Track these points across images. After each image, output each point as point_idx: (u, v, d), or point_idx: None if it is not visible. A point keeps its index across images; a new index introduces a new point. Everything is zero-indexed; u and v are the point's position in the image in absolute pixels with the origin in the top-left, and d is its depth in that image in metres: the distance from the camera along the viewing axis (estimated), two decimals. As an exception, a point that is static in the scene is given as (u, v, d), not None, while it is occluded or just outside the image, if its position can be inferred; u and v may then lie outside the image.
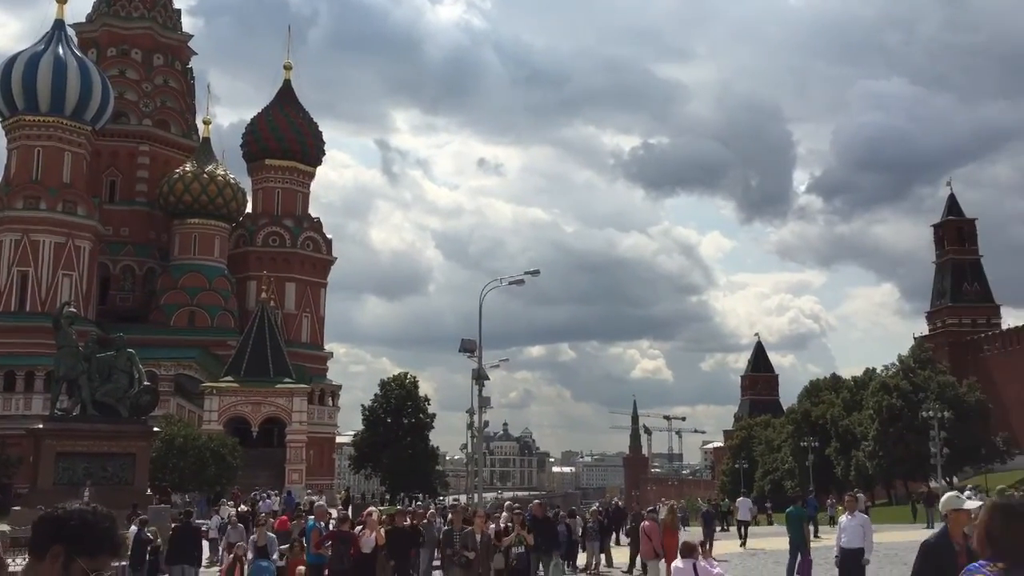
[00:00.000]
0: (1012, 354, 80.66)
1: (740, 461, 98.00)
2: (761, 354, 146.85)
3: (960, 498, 6.62)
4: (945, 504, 6.46)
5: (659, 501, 43.54)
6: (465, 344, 32.01)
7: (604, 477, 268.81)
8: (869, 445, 68.97)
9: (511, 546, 13.90)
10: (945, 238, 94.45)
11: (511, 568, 13.73)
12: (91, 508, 2.74)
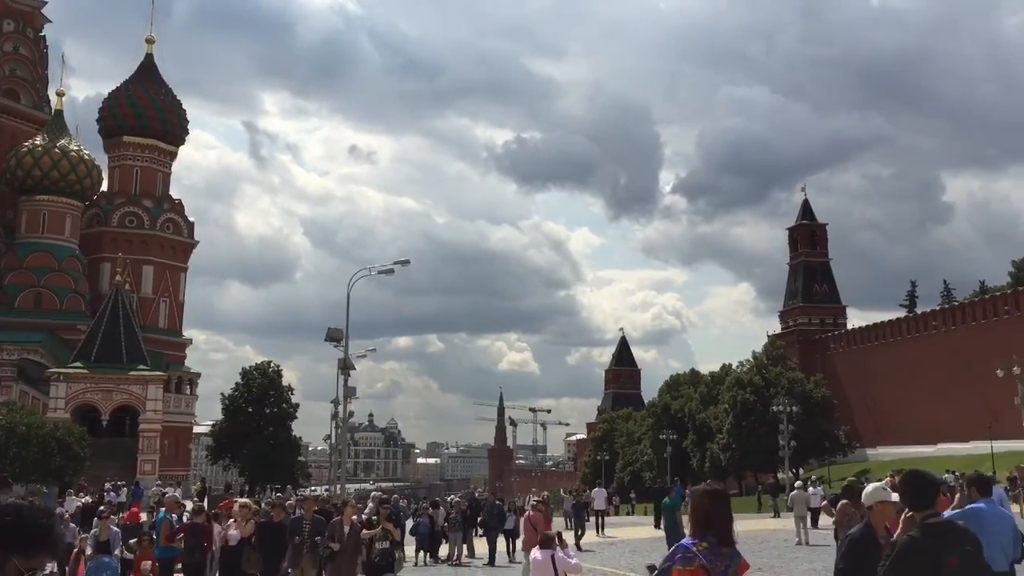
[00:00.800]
0: (855, 353, 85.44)
1: (602, 453, 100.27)
2: (625, 349, 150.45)
3: (886, 490, 6.16)
4: (870, 496, 6.10)
5: (528, 492, 43.98)
6: (332, 333, 31.43)
7: (469, 468, 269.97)
8: (723, 438, 71.79)
9: (375, 540, 13.52)
10: (798, 241, 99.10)
11: (374, 564, 13.34)
12: (27, 503, 2.48)
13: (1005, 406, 50.01)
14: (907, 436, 72.17)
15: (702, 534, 4.44)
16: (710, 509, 4.51)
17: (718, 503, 4.55)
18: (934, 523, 4.66)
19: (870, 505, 5.90)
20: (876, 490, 6.05)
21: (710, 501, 4.54)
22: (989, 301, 73.63)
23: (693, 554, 4.30)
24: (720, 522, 4.46)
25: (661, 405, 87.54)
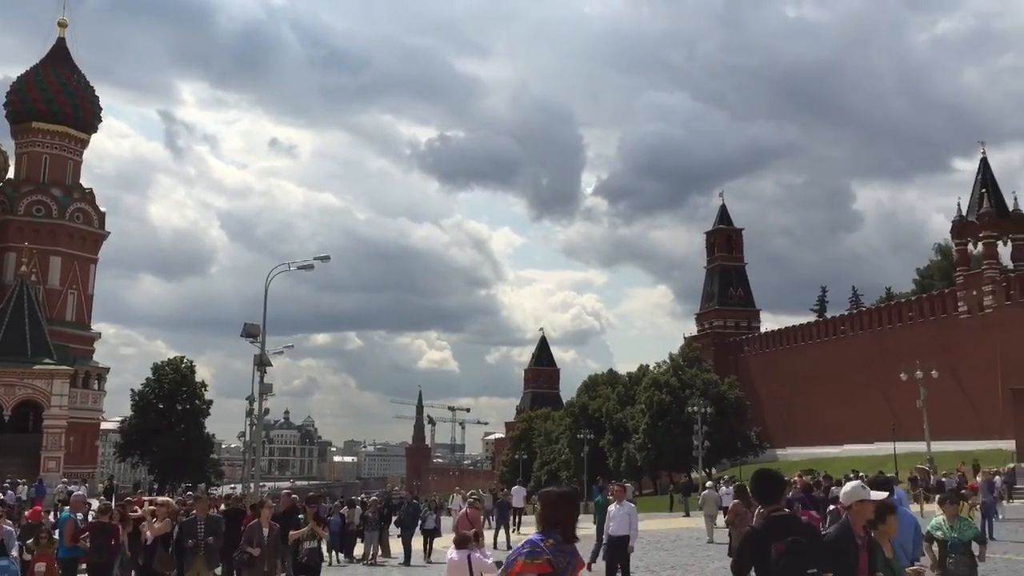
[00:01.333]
0: (767, 355, 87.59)
1: (520, 452, 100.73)
2: (545, 348, 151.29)
3: (865, 489, 6.01)
4: (850, 495, 5.88)
5: (453, 491, 43.87)
6: (248, 329, 30.83)
7: (386, 467, 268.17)
8: (639, 438, 72.80)
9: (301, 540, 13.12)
10: (716, 245, 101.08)
11: (301, 564, 12.96)
12: None
13: (908, 409, 51.87)
14: (815, 437, 74.28)
15: (549, 531, 4.75)
16: (558, 509, 4.84)
17: (566, 504, 4.88)
18: (776, 516, 5.19)
19: (849, 504, 5.80)
20: (855, 489, 5.89)
21: (558, 502, 4.88)
22: (894, 307, 76.27)
23: (541, 549, 4.62)
24: (566, 521, 4.79)
25: (579, 405, 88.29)
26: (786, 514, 5.35)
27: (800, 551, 4.95)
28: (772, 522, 5.12)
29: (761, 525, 5.21)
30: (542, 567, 4.57)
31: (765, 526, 5.14)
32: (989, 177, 69.34)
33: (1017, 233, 67.22)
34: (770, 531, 5.04)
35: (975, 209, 67.73)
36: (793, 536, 4.99)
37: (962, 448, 54.72)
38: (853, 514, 5.74)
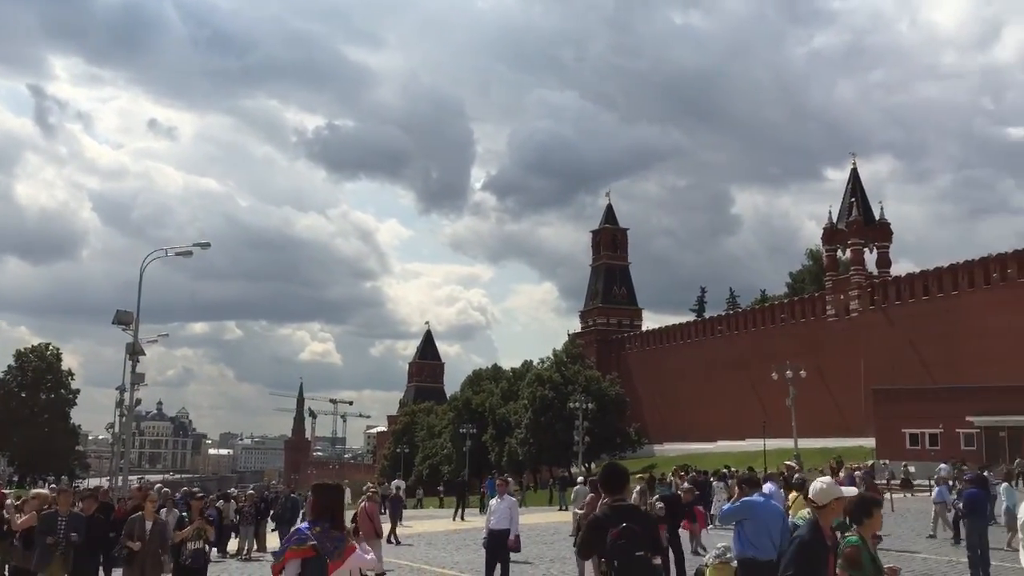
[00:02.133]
0: (647, 353, 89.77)
1: (402, 446, 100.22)
2: (430, 342, 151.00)
3: (838, 487, 5.89)
4: (826, 493, 5.65)
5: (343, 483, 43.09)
6: (120, 316, 29.63)
7: (264, 460, 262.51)
8: (522, 433, 73.46)
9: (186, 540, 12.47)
10: (601, 244, 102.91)
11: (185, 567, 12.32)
12: None
13: (778, 407, 54.03)
14: (691, 433, 76.57)
15: (318, 520, 5.42)
16: (326, 500, 5.53)
17: (332, 495, 5.60)
18: (617, 505, 5.68)
19: (825, 503, 5.61)
20: (831, 487, 5.73)
21: (327, 493, 5.60)
22: (768, 309, 79.30)
23: (307, 536, 5.29)
24: (334, 511, 5.51)
25: (463, 399, 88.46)
26: (625, 504, 5.82)
27: (632, 536, 5.43)
28: (612, 510, 5.62)
29: (602, 513, 5.69)
30: (307, 552, 5.22)
31: (606, 514, 5.63)
32: (858, 187, 72.86)
33: (882, 241, 70.91)
34: (610, 518, 5.53)
35: (845, 217, 71.07)
36: (627, 523, 5.47)
37: (827, 445, 57.31)
38: (826, 513, 5.60)
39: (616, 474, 5.96)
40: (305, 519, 6.43)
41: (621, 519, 5.49)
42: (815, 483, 5.83)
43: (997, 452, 46.32)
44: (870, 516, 5.58)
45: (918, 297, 62.08)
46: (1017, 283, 55.21)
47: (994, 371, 51.67)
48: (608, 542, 5.41)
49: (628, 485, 6.25)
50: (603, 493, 5.93)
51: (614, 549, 5.40)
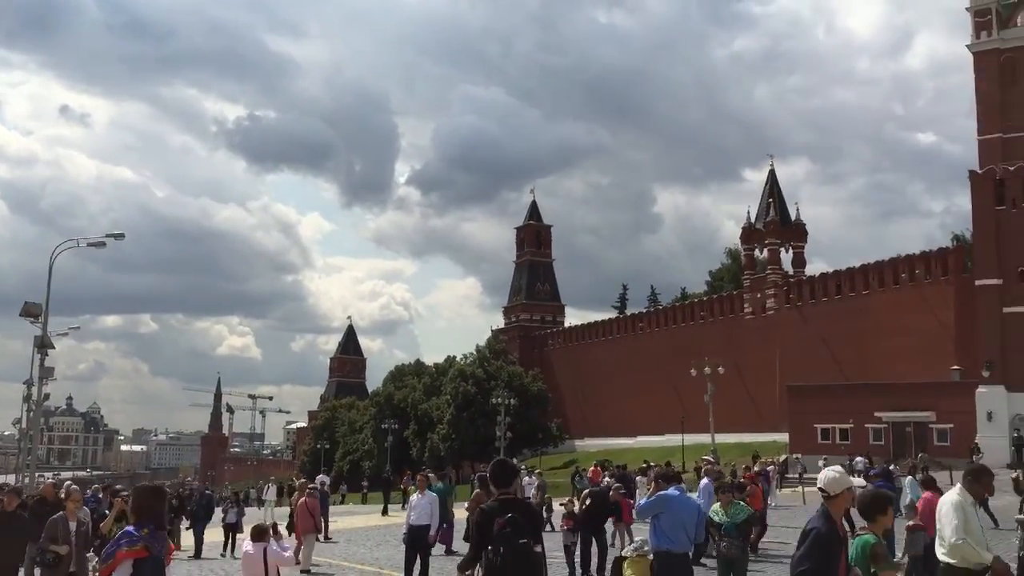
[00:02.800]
0: (570, 349, 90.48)
1: (322, 441, 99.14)
2: (352, 337, 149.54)
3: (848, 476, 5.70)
4: (837, 483, 5.49)
5: (269, 480, 42.35)
6: (28, 308, 28.58)
7: (179, 456, 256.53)
8: (444, 428, 73.36)
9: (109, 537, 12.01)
10: (525, 241, 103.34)
11: None
12: None
13: (696, 403, 55.04)
14: (612, 429, 77.46)
15: (144, 522, 5.65)
16: (148, 503, 5.79)
17: (155, 498, 5.89)
18: (504, 498, 6.11)
19: (837, 493, 5.48)
20: (842, 477, 5.58)
21: (148, 496, 5.89)
22: (688, 307, 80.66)
23: (138, 537, 5.54)
24: (158, 512, 5.80)
25: (385, 395, 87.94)
26: (511, 497, 6.28)
27: (516, 525, 5.87)
28: (499, 503, 6.05)
29: (489, 505, 6.10)
30: (139, 552, 5.48)
31: (493, 506, 6.05)
32: (776, 188, 74.65)
33: (798, 241, 72.83)
34: (497, 510, 5.96)
35: (762, 217, 72.75)
36: (512, 514, 5.92)
37: (743, 440, 58.69)
38: (837, 503, 5.49)
39: (505, 469, 6.41)
40: None
41: (507, 510, 5.95)
42: (826, 472, 5.64)
43: (903, 447, 48.03)
44: (884, 513, 5.55)
45: (831, 296, 63.90)
46: (924, 284, 57.28)
47: (901, 369, 53.54)
48: (495, 531, 5.84)
49: (515, 480, 6.67)
50: (492, 487, 6.34)
51: (500, 538, 5.83)
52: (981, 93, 52.40)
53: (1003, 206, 46.91)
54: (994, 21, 52.37)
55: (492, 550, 5.84)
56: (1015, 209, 46.52)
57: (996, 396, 45.96)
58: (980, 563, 6.62)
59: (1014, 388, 45.50)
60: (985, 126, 51.93)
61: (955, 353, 51.76)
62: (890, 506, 5.57)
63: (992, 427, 45.53)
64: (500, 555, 5.78)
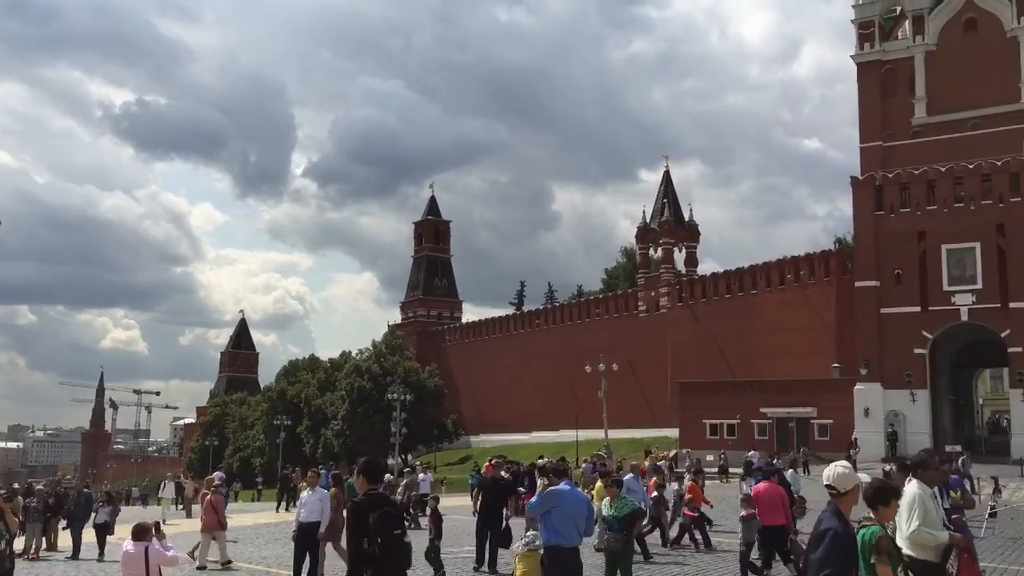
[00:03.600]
0: (467, 346, 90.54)
1: (211, 438, 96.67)
2: (244, 331, 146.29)
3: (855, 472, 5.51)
4: (846, 479, 5.30)
5: (166, 477, 40.92)
6: None
7: (58, 454, 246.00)
8: (338, 424, 72.46)
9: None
10: (423, 236, 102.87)
11: None
12: None
13: (591, 399, 55.85)
14: (507, 424, 77.89)
15: None
16: None
17: None
18: (372, 494, 6.68)
19: (847, 490, 5.29)
20: (851, 473, 5.39)
21: None
22: (584, 304, 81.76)
23: None
24: None
25: (278, 390, 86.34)
26: (380, 492, 6.87)
27: (389, 518, 6.49)
28: (370, 498, 6.61)
29: (361, 500, 6.62)
30: None
31: (365, 501, 6.58)
32: (670, 189, 76.34)
33: (691, 242, 74.68)
34: (369, 504, 6.51)
35: (657, 217, 74.30)
36: (384, 508, 6.55)
37: (635, 435, 59.88)
38: (846, 500, 5.30)
39: (378, 467, 7.08)
40: None
41: (379, 505, 6.54)
42: (834, 468, 5.41)
43: (786, 441, 49.80)
44: (887, 505, 5.44)
45: (721, 295, 65.70)
46: (808, 285, 59.48)
47: (786, 366, 55.50)
48: (371, 523, 6.37)
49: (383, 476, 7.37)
50: (369, 483, 6.80)
51: (375, 529, 6.38)
52: (863, 102, 54.72)
53: (882, 211, 49.03)
54: (877, 33, 54.74)
55: (369, 541, 6.35)
56: (893, 215, 48.68)
57: (872, 393, 48.06)
58: (938, 543, 6.77)
59: (889, 385, 47.68)
60: (866, 134, 54.26)
61: (835, 351, 53.92)
62: (894, 499, 5.49)
63: (868, 422, 47.61)
64: (378, 545, 6.32)
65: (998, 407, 67.16)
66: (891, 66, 54.38)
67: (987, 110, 50.60)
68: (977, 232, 46.07)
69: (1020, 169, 45.65)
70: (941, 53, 52.75)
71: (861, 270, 50.21)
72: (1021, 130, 48.48)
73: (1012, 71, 50.65)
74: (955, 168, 47.05)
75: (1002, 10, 51.42)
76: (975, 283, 46.14)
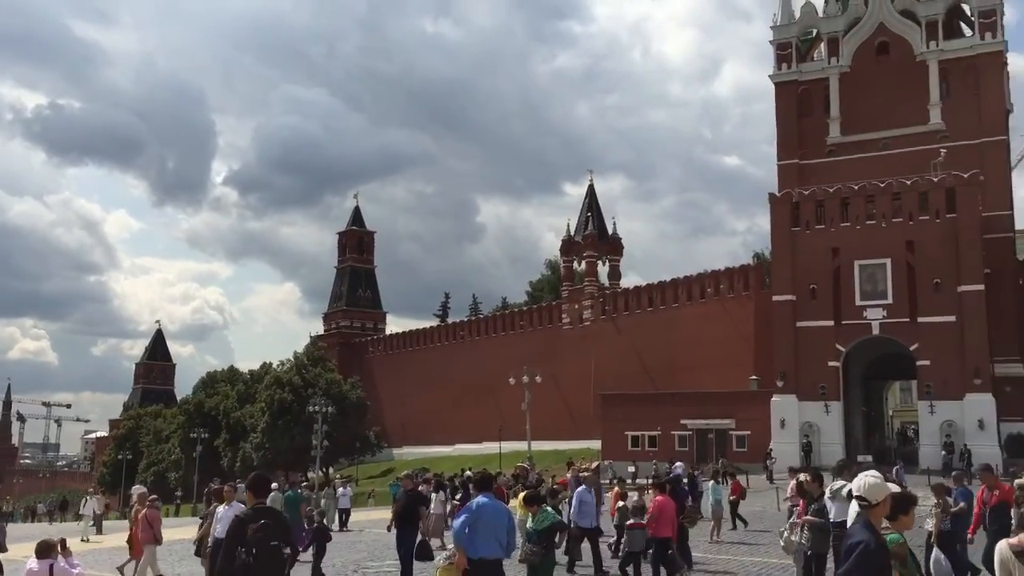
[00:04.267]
0: (390, 357, 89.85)
1: (125, 452, 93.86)
2: (160, 342, 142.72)
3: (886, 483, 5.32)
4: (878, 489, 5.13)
5: (87, 492, 39.28)
6: None
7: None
8: (257, 437, 71.04)
9: None
10: (347, 246, 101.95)
11: None
12: None
13: (515, 411, 55.95)
14: (431, 437, 77.47)
15: None
16: None
17: None
18: (258, 507, 7.30)
19: (878, 500, 5.12)
20: (882, 483, 5.18)
21: None
22: (508, 316, 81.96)
23: None
24: None
25: (195, 403, 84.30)
26: (265, 506, 7.37)
27: (268, 529, 6.92)
28: (254, 511, 7.13)
29: (245, 513, 7.11)
30: None
31: (248, 514, 7.06)
32: (594, 203, 77.20)
33: (614, 255, 75.61)
34: (252, 517, 6.99)
35: (581, 230, 75.05)
36: (264, 520, 6.99)
37: (558, 447, 60.17)
38: (877, 512, 5.13)
39: (264, 481, 7.66)
40: None
41: (261, 517, 7.03)
42: (864, 479, 5.24)
43: (706, 453, 50.61)
44: (906, 513, 5.32)
45: (643, 308, 66.59)
46: (727, 298, 60.71)
47: (706, 378, 56.47)
48: (250, 535, 6.83)
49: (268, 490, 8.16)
50: (256, 497, 7.40)
51: (253, 540, 6.85)
52: (781, 121, 56.31)
53: (798, 228, 50.30)
54: (794, 55, 56.44)
55: (245, 550, 6.84)
56: (808, 231, 50.00)
57: (788, 404, 49.17)
58: None
59: (804, 397, 48.84)
60: (784, 152, 55.82)
61: (754, 364, 55.07)
62: (913, 508, 5.39)
63: (784, 433, 48.67)
64: (252, 555, 6.82)
65: (907, 418, 69.57)
66: (807, 86, 56.10)
67: (898, 131, 52.62)
68: (888, 249, 47.57)
69: (928, 188, 47.29)
70: (855, 75, 54.63)
71: (778, 285, 51.34)
72: (930, 150, 50.50)
73: (922, 94, 52.77)
74: (867, 186, 48.56)
75: (912, 35, 53.53)
76: (886, 298, 47.61)
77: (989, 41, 52.04)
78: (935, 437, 45.48)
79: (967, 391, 45.10)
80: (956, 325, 45.53)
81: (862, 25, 54.96)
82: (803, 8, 57.41)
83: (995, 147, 51.77)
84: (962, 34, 54.80)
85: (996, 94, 52.60)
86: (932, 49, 52.76)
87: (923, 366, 46.62)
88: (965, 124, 51.41)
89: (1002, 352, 47.94)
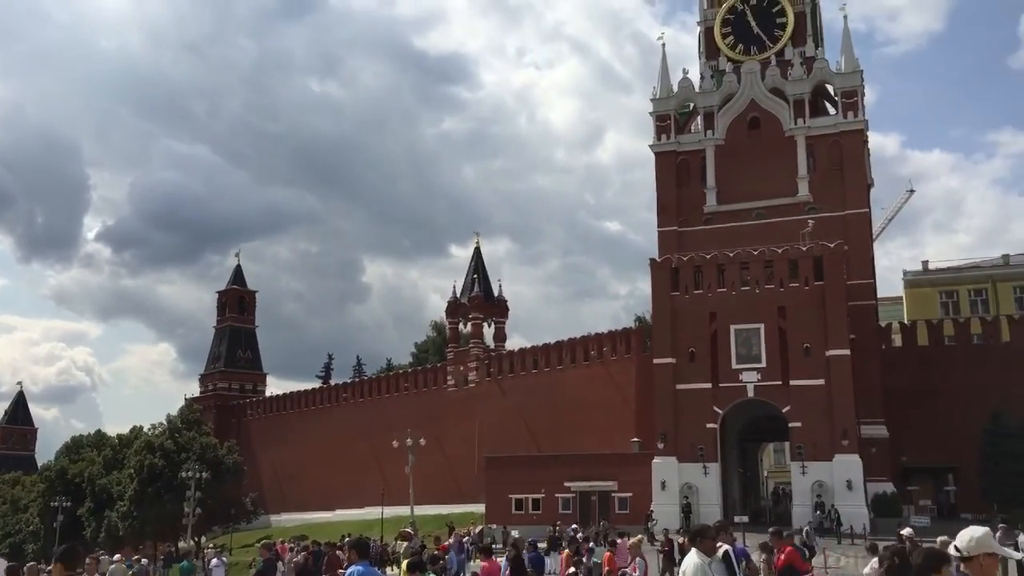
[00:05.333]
0: (270, 420, 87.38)
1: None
2: (21, 405, 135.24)
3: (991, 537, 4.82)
4: (981, 544, 4.67)
5: None
6: None
7: None
8: (125, 505, 67.51)
9: None
10: (227, 305, 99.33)
11: None
12: None
13: (398, 475, 55.02)
14: (310, 502, 75.29)
15: None
16: None
17: None
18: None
19: (974, 555, 4.67)
20: (985, 538, 4.74)
21: None
22: (393, 378, 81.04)
23: None
24: None
25: (57, 469, 79.66)
26: None
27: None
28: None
29: None
30: None
31: None
32: (480, 265, 77.74)
33: (500, 317, 76.01)
34: None
35: (467, 292, 75.31)
36: None
37: (442, 511, 59.32)
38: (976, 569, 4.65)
39: (75, 553, 8.22)
40: None
41: None
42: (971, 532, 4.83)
43: (588, 515, 50.77)
44: (939, 572, 4.96)
45: (528, 370, 66.98)
46: (610, 361, 61.69)
47: (590, 440, 56.90)
48: None
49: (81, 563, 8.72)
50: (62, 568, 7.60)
51: None
52: (660, 189, 58.25)
53: (677, 292, 51.75)
54: (672, 126, 58.72)
55: None
56: (687, 296, 51.49)
57: (668, 466, 49.87)
58: None
59: (684, 458, 49.64)
60: (663, 219, 57.63)
61: (636, 426, 55.86)
62: (947, 567, 4.99)
63: (665, 495, 49.28)
64: None
65: (780, 479, 71.54)
66: (685, 157, 58.35)
67: (769, 201, 55.14)
68: (761, 314, 49.33)
69: (798, 257, 49.50)
70: (729, 148, 57.20)
71: (659, 347, 52.40)
72: (799, 221, 53.02)
73: (791, 167, 55.58)
74: (742, 254, 50.48)
75: (781, 112, 56.54)
76: (759, 362, 49.21)
77: (851, 120, 55.40)
78: (807, 497, 46.80)
79: (836, 452, 46.71)
80: (824, 388, 47.31)
81: (735, 101, 57.74)
82: (680, 83, 59.91)
83: (858, 219, 54.72)
84: (827, 112, 58.15)
85: (858, 169, 55.84)
86: (799, 126, 55.78)
87: (795, 428, 48.13)
88: (831, 197, 54.28)
89: (867, 414, 50.06)
